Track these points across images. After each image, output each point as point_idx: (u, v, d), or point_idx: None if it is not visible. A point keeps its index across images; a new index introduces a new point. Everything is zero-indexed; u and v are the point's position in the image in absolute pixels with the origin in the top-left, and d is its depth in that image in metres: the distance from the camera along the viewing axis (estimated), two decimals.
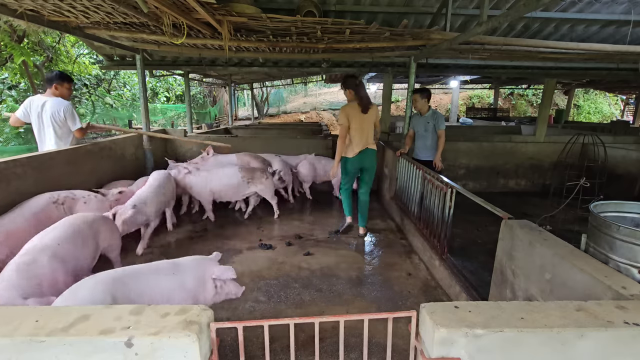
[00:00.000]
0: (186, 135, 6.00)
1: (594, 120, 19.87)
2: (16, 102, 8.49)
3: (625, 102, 18.64)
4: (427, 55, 4.80)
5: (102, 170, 4.13)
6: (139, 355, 0.97)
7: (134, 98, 13.21)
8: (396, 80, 9.83)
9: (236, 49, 4.65)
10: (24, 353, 0.96)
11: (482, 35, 3.76)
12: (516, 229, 2.00)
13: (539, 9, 2.33)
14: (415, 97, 4.36)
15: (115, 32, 3.79)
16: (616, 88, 12.06)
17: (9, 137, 7.66)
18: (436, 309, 1.09)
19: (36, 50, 8.27)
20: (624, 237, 1.72)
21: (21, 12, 2.98)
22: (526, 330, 1.03)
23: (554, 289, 1.68)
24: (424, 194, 3.59)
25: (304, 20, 3.51)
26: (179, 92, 16.03)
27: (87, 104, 10.99)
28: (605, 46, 3.90)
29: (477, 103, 21.12)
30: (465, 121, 13.01)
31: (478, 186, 6.25)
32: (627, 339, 1.05)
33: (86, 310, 1.08)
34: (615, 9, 4.25)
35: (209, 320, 1.07)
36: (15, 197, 2.84)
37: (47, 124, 3.53)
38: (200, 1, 2.77)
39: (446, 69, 6.26)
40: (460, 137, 6.47)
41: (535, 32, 4.85)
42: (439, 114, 4.37)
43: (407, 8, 4.25)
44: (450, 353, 1.02)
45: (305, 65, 6.12)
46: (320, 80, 16.84)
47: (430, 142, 4.38)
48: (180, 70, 6.72)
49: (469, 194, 2.68)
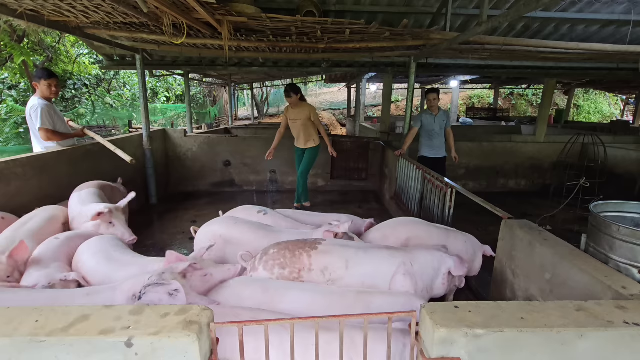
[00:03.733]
0: (186, 136, 6.00)
1: (594, 120, 19.86)
2: (16, 102, 8.49)
3: (625, 102, 18.63)
4: (427, 55, 4.80)
5: (102, 170, 4.12)
6: (139, 355, 0.97)
7: (134, 98, 13.21)
8: (396, 80, 9.83)
9: (236, 49, 4.65)
10: (24, 353, 0.96)
11: (482, 35, 3.76)
12: (516, 229, 2.00)
13: (539, 9, 2.33)
14: (434, 96, 4.49)
15: (115, 32, 3.78)
16: (616, 88, 12.05)
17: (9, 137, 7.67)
18: (436, 309, 1.09)
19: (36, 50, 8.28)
20: (624, 237, 1.72)
21: (21, 12, 2.98)
22: (526, 330, 1.03)
23: (554, 289, 1.68)
24: (424, 194, 3.59)
25: (304, 20, 3.51)
26: (179, 92, 16.03)
27: (87, 104, 10.99)
28: (605, 46, 3.89)
29: (477, 103, 21.11)
30: (465, 121, 13.01)
31: (478, 186, 6.25)
32: (627, 339, 1.05)
33: (86, 310, 1.08)
34: (615, 9, 4.24)
35: (209, 320, 1.07)
36: (16, 197, 2.84)
37: (29, 125, 3.45)
38: (200, 1, 2.77)
39: (446, 69, 6.26)
40: (461, 137, 6.47)
41: (535, 32, 4.84)
42: (448, 113, 4.67)
43: (407, 8, 4.25)
44: (450, 353, 1.02)
45: (305, 65, 6.12)
46: (320, 80, 16.86)
47: (443, 139, 4.63)
48: (180, 70, 6.72)
49: (469, 194, 2.68)
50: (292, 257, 2.01)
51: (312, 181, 6.13)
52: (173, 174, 5.95)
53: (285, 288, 1.80)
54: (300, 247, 2.06)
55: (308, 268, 1.98)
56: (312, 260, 2.00)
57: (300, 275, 1.98)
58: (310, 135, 4.66)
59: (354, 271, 1.99)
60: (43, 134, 3.35)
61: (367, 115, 16.10)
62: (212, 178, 6.04)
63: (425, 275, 2.04)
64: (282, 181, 6.10)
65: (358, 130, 9.97)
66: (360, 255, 2.06)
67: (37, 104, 3.31)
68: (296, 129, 4.66)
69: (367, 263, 2.03)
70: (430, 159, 4.54)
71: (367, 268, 2.01)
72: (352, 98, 13.98)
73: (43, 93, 3.38)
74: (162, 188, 5.50)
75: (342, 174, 6.01)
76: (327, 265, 1.99)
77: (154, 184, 5.20)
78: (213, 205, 5.24)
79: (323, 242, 2.11)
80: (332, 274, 1.98)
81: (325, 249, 2.05)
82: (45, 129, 3.34)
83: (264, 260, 2.04)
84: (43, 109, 3.31)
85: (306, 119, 4.58)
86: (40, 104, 3.31)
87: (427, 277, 2.05)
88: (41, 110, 3.30)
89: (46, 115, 3.34)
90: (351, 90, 14.45)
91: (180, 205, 5.20)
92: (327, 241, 2.15)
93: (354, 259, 2.03)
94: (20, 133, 7.66)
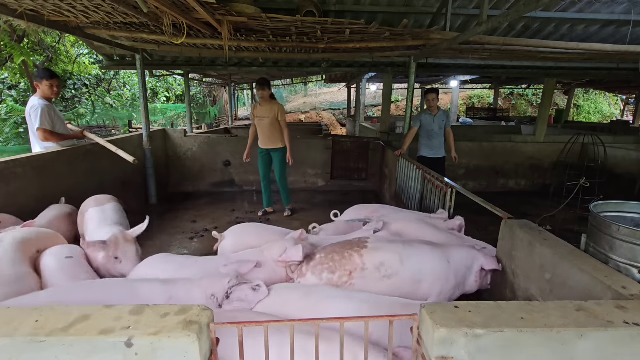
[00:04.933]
0: (186, 136, 6.01)
1: (594, 120, 19.85)
2: (16, 102, 8.49)
3: (625, 102, 18.63)
4: (427, 55, 4.81)
5: (102, 170, 4.12)
6: (139, 355, 0.97)
7: (134, 98, 13.21)
8: (396, 80, 9.84)
9: (236, 49, 4.65)
10: (24, 353, 0.96)
11: (482, 35, 3.76)
12: (516, 229, 2.00)
13: (539, 9, 2.33)
14: (433, 96, 4.48)
15: (115, 32, 3.78)
16: (616, 88, 12.05)
17: (9, 137, 7.67)
18: (436, 309, 1.09)
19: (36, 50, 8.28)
20: (624, 237, 1.72)
21: (21, 12, 2.98)
22: (526, 330, 1.02)
23: (554, 289, 1.68)
24: (424, 194, 3.59)
25: (304, 20, 3.51)
26: (179, 92, 16.03)
27: (87, 104, 10.99)
28: (605, 46, 3.89)
29: (477, 103, 21.11)
30: (465, 121, 13.01)
31: (478, 186, 6.25)
32: (627, 339, 1.05)
33: (86, 310, 1.08)
34: (615, 9, 4.24)
35: (209, 320, 1.07)
36: (16, 197, 2.84)
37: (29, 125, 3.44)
38: (200, 1, 2.77)
39: (446, 69, 6.25)
40: (461, 137, 6.47)
41: (535, 32, 4.84)
42: (448, 113, 4.66)
43: (407, 8, 4.25)
44: (450, 353, 1.01)
45: (305, 65, 6.12)
46: (320, 80, 16.84)
47: (442, 139, 4.62)
48: (180, 70, 6.72)
49: (469, 194, 2.68)
50: (342, 259, 2.03)
51: (312, 181, 6.13)
52: (173, 174, 5.96)
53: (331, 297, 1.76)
54: (348, 248, 2.09)
55: (361, 267, 2.00)
56: (365, 259, 2.02)
57: (352, 277, 1.99)
58: (277, 136, 4.45)
59: (408, 265, 2.03)
60: (41, 134, 3.33)
61: (367, 115, 16.10)
62: (212, 178, 6.04)
63: (459, 272, 2.09)
64: None
65: (358, 130, 9.97)
66: (409, 250, 2.10)
67: (37, 104, 3.31)
68: (262, 128, 4.41)
69: (416, 257, 2.07)
70: (429, 159, 4.55)
71: (417, 262, 2.05)
72: (352, 98, 13.98)
73: (44, 93, 3.37)
74: (162, 188, 5.50)
75: (342, 174, 6.01)
76: (383, 261, 2.03)
77: (154, 184, 5.21)
78: (213, 205, 5.25)
79: (369, 240, 2.16)
80: (387, 269, 2.01)
81: (376, 246, 2.10)
82: (43, 129, 3.32)
83: (311, 266, 2.04)
84: (43, 109, 3.31)
85: (274, 118, 4.36)
86: (41, 104, 3.31)
87: (461, 274, 2.09)
88: (41, 110, 3.29)
89: (46, 116, 3.34)
90: (351, 90, 14.44)
91: (180, 205, 5.21)
92: (372, 239, 2.20)
93: (405, 254, 2.07)
94: (20, 133, 7.66)
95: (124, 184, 4.58)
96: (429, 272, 2.04)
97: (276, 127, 4.41)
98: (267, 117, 4.35)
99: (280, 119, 4.40)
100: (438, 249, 2.14)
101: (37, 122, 3.28)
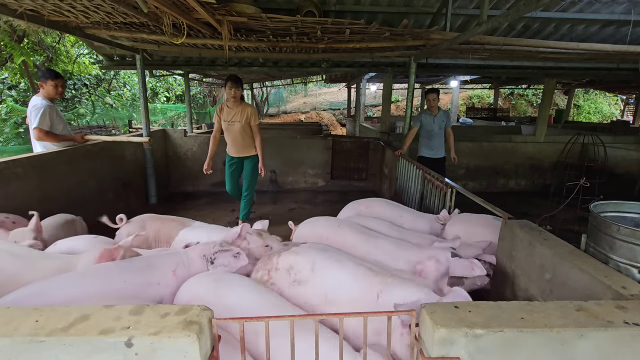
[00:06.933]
0: (186, 135, 6.01)
1: (594, 120, 19.85)
2: (16, 102, 8.50)
3: (625, 102, 18.63)
4: (427, 55, 4.81)
5: (102, 170, 4.12)
6: (139, 355, 0.97)
7: (134, 98, 13.21)
8: (396, 80, 9.83)
9: (236, 49, 4.65)
10: (23, 353, 0.96)
11: (482, 35, 3.76)
12: (516, 229, 2.00)
13: (539, 9, 2.33)
14: (433, 96, 4.48)
15: (115, 32, 3.78)
16: (616, 88, 12.05)
17: (9, 137, 7.67)
18: (436, 309, 1.09)
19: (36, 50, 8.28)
20: (624, 237, 1.72)
21: (21, 12, 2.98)
22: (526, 330, 1.02)
23: (554, 289, 1.68)
24: (424, 194, 3.59)
25: (304, 20, 3.51)
26: (179, 92, 16.02)
27: (87, 104, 10.99)
28: (605, 46, 3.89)
29: (477, 103, 21.11)
30: (465, 121, 13.00)
31: (478, 186, 6.25)
32: (627, 339, 1.05)
33: (86, 310, 1.08)
34: (615, 9, 4.24)
35: (209, 320, 1.07)
36: (16, 197, 2.84)
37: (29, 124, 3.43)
38: (200, 1, 2.77)
39: (446, 69, 6.26)
40: (461, 137, 6.47)
41: (535, 32, 4.84)
42: (448, 113, 4.64)
43: (407, 8, 4.25)
44: (450, 353, 1.02)
45: (305, 65, 6.12)
46: (320, 80, 16.85)
47: (442, 139, 4.62)
48: (180, 70, 6.72)
49: (469, 194, 2.68)
50: (268, 259, 2.08)
51: (312, 181, 6.14)
52: (173, 174, 5.96)
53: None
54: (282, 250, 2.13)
55: (275, 268, 2.01)
56: (280, 260, 2.02)
57: (270, 277, 1.98)
58: (250, 143, 3.93)
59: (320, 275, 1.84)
60: (36, 134, 3.32)
61: (367, 115, 16.10)
62: (212, 178, 6.02)
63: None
64: (282, 181, 6.10)
65: (358, 130, 9.97)
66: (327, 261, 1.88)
67: (39, 104, 3.32)
68: (233, 133, 3.85)
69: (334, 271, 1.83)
70: (429, 159, 4.55)
71: (332, 277, 1.83)
72: (352, 98, 13.97)
73: (48, 93, 3.38)
74: (162, 188, 5.51)
75: (342, 174, 6.01)
76: (293, 264, 1.98)
77: (154, 184, 5.21)
78: (213, 205, 5.25)
79: (303, 245, 2.15)
80: (297, 274, 1.92)
81: (296, 250, 2.06)
82: (39, 128, 3.31)
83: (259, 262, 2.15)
84: (45, 109, 3.32)
85: (246, 122, 3.81)
86: (43, 105, 3.32)
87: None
88: (42, 110, 3.30)
89: (46, 117, 3.34)
90: (351, 90, 14.44)
91: (180, 205, 5.21)
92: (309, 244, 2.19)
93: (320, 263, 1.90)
94: (20, 133, 7.66)
95: (124, 184, 4.58)
96: (345, 299, 1.68)
97: (248, 133, 3.89)
98: (238, 122, 3.81)
99: (253, 123, 3.85)
100: (371, 273, 1.74)
101: (36, 121, 3.29)
